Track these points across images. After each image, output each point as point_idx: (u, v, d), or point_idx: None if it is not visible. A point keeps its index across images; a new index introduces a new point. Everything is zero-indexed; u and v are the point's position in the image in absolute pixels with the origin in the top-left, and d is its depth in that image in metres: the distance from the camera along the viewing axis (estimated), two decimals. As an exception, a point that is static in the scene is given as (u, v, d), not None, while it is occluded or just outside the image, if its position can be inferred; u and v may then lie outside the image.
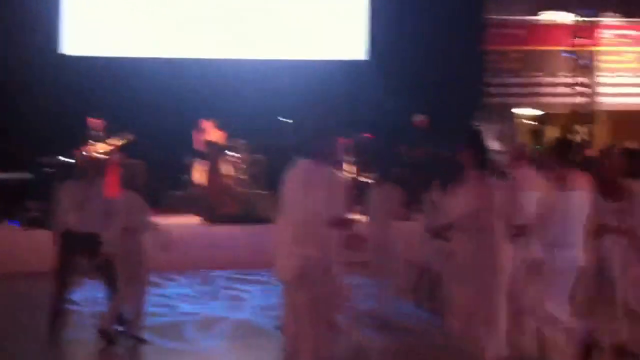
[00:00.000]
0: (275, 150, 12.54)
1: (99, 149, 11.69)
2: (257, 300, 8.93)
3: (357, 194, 11.04)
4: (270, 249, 5.79)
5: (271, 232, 7.47)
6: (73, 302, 7.59)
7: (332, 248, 5.16)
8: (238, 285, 9.69)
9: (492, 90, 16.12)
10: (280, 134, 12.78)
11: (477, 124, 15.14)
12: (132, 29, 14.21)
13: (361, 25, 15.08)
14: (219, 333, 7.61)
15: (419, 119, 13.53)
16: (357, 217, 7.82)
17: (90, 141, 11.71)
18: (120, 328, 7.13)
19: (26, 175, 11.77)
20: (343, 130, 12.54)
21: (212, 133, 12.50)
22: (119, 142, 11.80)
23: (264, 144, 12.94)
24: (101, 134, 11.80)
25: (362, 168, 13.08)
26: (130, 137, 11.84)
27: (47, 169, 11.75)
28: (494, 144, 14.99)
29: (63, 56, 13.94)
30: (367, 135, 13.65)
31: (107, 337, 6.97)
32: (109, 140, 11.76)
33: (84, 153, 11.34)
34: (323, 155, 5.21)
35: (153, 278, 7.79)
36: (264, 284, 9.54)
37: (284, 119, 13.11)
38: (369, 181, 12.86)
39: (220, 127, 12.56)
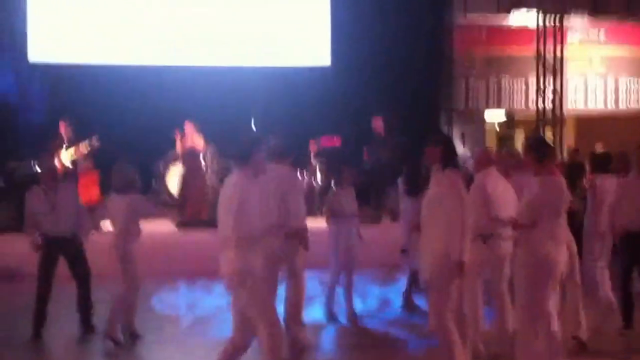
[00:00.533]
0: (239, 156, 13.03)
1: (68, 155, 12.08)
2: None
3: (322, 197, 11.69)
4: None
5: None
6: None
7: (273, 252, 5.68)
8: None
9: (458, 93, 16.56)
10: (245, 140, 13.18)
11: (442, 127, 15.67)
12: (100, 36, 14.59)
13: (325, 31, 15.53)
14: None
15: (376, 121, 13.84)
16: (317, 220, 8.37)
17: (59, 147, 12.10)
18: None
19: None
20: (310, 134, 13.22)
21: (192, 137, 12.90)
22: (87, 147, 12.16)
23: (229, 149, 13.36)
24: (69, 139, 12.17)
25: (328, 172, 13.51)
26: (97, 142, 12.19)
27: (16, 175, 12.11)
28: (459, 148, 15.52)
29: (31, 64, 14.31)
30: (332, 139, 14.10)
31: (115, 341, 7.37)
32: (78, 146, 12.13)
33: (50, 159, 11.74)
34: (255, 166, 5.52)
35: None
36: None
37: (252, 126, 13.58)
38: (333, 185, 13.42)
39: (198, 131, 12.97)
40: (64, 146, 12.18)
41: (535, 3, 16.41)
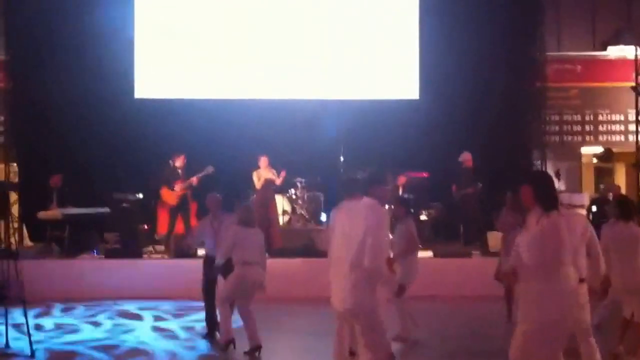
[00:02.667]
0: (332, 188, 14.58)
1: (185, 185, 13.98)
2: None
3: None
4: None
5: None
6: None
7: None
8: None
9: (552, 128, 17.29)
10: (337, 172, 14.72)
11: (535, 162, 16.42)
12: (195, 73, 16.39)
13: (414, 64, 16.54)
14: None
15: (463, 157, 14.83)
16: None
17: (176, 178, 14.04)
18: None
19: (105, 210, 13.96)
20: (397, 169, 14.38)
21: (265, 170, 14.45)
22: (199, 178, 14.03)
23: (321, 181, 14.91)
24: (184, 171, 14.15)
25: (416, 206, 14.69)
26: (212, 170, 14.01)
27: (123, 204, 14.01)
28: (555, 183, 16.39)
29: (136, 99, 16.25)
30: (421, 174, 15.30)
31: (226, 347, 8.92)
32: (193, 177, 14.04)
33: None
34: (380, 198, 6.59)
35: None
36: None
37: (341, 158, 14.97)
38: (424, 218, 14.72)
39: (278, 164, 14.53)
40: (180, 178, 14.07)
41: (633, 39, 16.64)
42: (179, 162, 14.30)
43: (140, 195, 14.39)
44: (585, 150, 18.03)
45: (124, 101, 15.98)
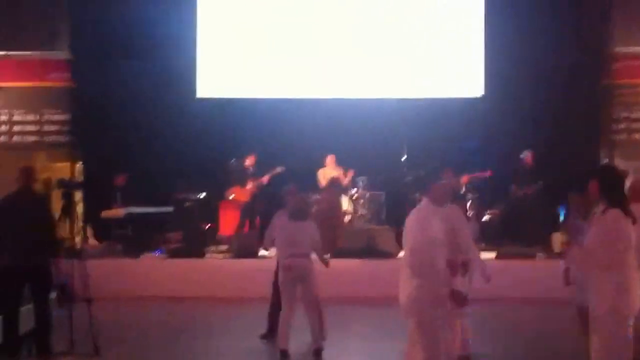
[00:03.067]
0: (394, 187, 14.48)
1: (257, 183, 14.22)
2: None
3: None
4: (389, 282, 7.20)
5: (390, 267, 9.18)
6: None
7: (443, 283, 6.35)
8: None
9: (620, 125, 16.70)
10: (398, 171, 14.61)
11: (602, 161, 16.07)
12: (256, 71, 16.41)
13: (478, 62, 16.35)
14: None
15: (524, 155, 14.70)
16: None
17: (247, 178, 14.26)
18: None
19: (168, 209, 14.06)
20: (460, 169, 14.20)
21: (332, 169, 14.56)
22: (269, 178, 14.32)
23: (383, 180, 14.81)
24: (254, 170, 14.37)
25: (480, 205, 14.51)
26: (281, 170, 14.21)
27: (186, 204, 14.08)
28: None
29: (199, 99, 16.35)
30: (485, 172, 15.05)
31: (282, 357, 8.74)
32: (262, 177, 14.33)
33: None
34: (437, 198, 6.49)
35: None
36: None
37: (403, 158, 14.84)
38: (487, 218, 14.49)
39: (341, 164, 14.66)
40: (251, 176, 14.32)
41: None
42: (249, 161, 14.63)
43: (203, 195, 14.45)
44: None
45: (186, 101, 16.10)
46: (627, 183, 15.39)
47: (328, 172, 14.56)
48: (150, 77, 15.62)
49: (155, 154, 15.39)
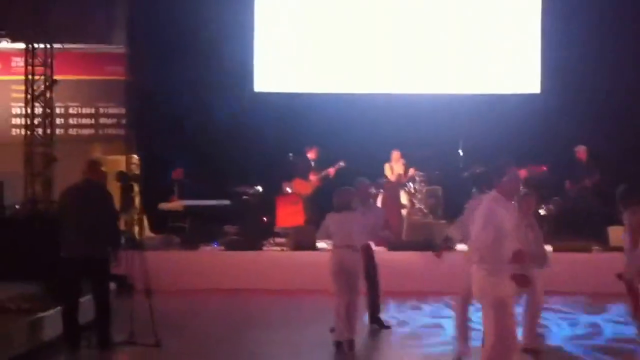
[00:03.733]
0: (451, 182, 14.21)
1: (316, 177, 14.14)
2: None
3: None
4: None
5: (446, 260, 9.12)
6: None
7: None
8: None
9: None
10: (456, 166, 14.35)
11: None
12: (316, 66, 16.26)
13: (535, 58, 16.12)
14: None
15: (579, 150, 14.51)
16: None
17: (309, 171, 14.19)
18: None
19: (225, 202, 13.92)
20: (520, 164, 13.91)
21: (396, 164, 14.49)
22: (334, 171, 14.18)
23: (439, 175, 14.56)
24: (316, 164, 14.30)
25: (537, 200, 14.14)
26: (344, 164, 14.07)
27: (244, 197, 13.95)
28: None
29: (256, 93, 16.22)
30: (541, 167, 14.72)
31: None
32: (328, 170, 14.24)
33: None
34: (508, 191, 6.62)
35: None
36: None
37: (460, 152, 14.59)
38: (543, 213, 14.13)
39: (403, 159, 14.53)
40: (314, 169, 14.29)
41: None
42: (312, 155, 14.61)
43: (260, 188, 14.28)
44: None
45: (244, 95, 15.98)
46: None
47: (394, 166, 14.60)
48: (208, 71, 15.52)
49: (213, 147, 15.28)
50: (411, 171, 14.57)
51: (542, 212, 14.19)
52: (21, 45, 14.17)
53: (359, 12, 16.25)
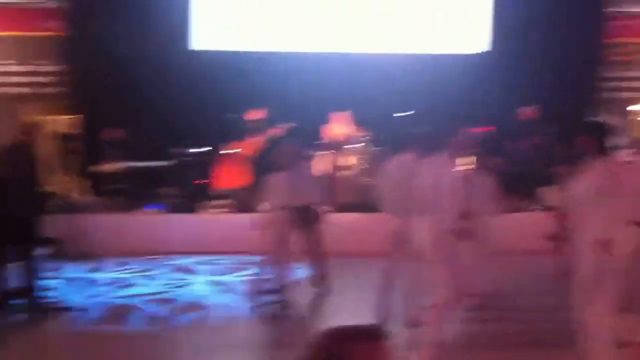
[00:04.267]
0: (396, 143, 13.89)
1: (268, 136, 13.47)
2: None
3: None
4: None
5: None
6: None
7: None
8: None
9: (610, 84, 16.48)
10: (401, 127, 14.03)
11: (592, 117, 15.75)
12: (259, 23, 15.60)
13: (483, 18, 15.87)
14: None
15: (529, 110, 14.42)
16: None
17: (260, 131, 13.48)
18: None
19: (162, 163, 13.43)
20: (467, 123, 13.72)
21: (342, 125, 13.94)
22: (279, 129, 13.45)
23: (385, 136, 14.24)
24: (265, 125, 13.57)
25: (481, 161, 14.02)
26: (292, 125, 13.43)
27: (181, 159, 13.45)
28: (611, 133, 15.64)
29: (192, 51, 15.47)
30: (486, 128, 14.56)
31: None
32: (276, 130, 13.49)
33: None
34: (458, 151, 6.65)
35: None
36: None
37: (404, 113, 14.29)
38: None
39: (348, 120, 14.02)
40: (258, 130, 13.54)
41: None
42: (256, 115, 13.71)
43: (201, 149, 13.80)
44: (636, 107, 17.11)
45: (180, 52, 15.24)
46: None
47: (337, 128, 14.05)
48: (145, 28, 14.65)
49: (152, 107, 14.42)
50: (357, 132, 14.15)
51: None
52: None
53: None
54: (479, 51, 15.87)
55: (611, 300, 5.94)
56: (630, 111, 17.02)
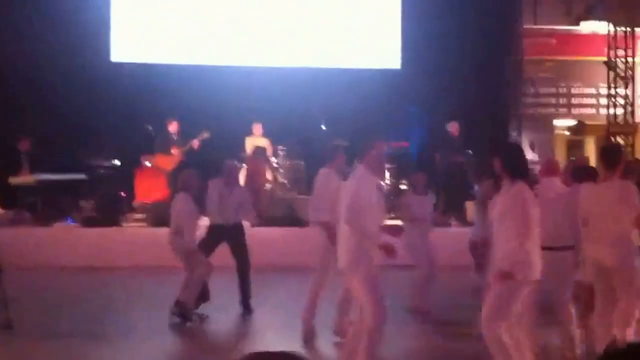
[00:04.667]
0: (313, 157, 13.92)
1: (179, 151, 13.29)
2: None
3: (393, 201, 12.39)
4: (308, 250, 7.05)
5: (309, 235, 8.85)
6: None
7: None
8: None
9: (528, 100, 16.84)
10: (316, 140, 14.06)
11: (511, 133, 16.09)
12: (176, 37, 15.49)
13: (395, 34, 16.04)
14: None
15: (451, 126, 14.54)
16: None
17: (172, 144, 13.32)
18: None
19: (80, 176, 13.07)
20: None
21: (258, 138, 13.93)
22: (198, 143, 13.39)
23: (302, 150, 14.25)
24: (179, 136, 13.46)
25: (398, 175, 14.16)
26: (207, 134, 13.37)
27: (99, 171, 13.15)
28: (529, 154, 16.07)
29: (112, 63, 15.24)
30: (402, 143, 14.74)
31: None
32: (190, 142, 13.42)
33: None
34: (375, 165, 6.51)
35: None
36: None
37: (323, 127, 14.33)
38: (404, 188, 14.13)
39: (264, 133, 13.97)
40: (176, 143, 13.34)
41: (604, 14, 16.59)
42: (172, 127, 13.60)
43: (117, 162, 13.52)
44: (559, 122, 17.64)
45: (100, 64, 14.96)
46: (533, 155, 15.63)
47: (255, 140, 13.99)
48: (64, 39, 14.34)
49: (66, 118, 14.15)
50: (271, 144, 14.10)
51: (403, 187, 14.23)
52: None
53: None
54: (393, 67, 16.03)
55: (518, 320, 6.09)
56: (554, 126, 17.48)
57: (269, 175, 14.01)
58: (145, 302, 9.73)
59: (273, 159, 14.18)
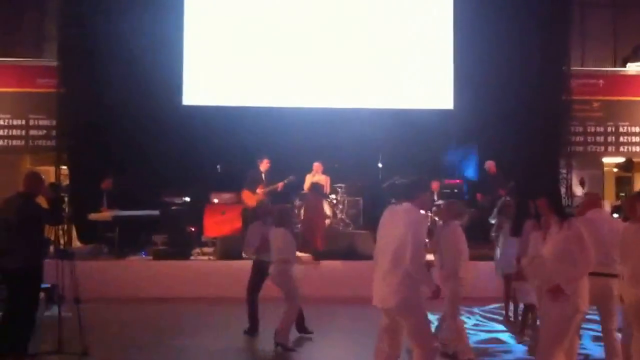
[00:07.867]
0: (370, 193, 13.84)
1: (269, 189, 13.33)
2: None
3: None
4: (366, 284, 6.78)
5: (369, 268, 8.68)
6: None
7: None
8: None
9: (577, 138, 16.63)
10: (374, 178, 13.99)
11: (562, 171, 15.77)
12: (241, 81, 15.63)
13: (448, 75, 15.93)
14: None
15: (488, 165, 14.45)
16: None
17: (260, 183, 13.33)
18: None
19: (154, 212, 13.19)
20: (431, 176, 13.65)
21: (318, 175, 13.84)
22: (283, 184, 13.37)
23: (360, 186, 14.16)
24: (267, 176, 13.45)
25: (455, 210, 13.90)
26: (293, 179, 13.37)
27: (172, 207, 13.25)
28: (577, 190, 15.72)
29: (184, 106, 15.46)
30: (455, 180, 14.56)
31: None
32: (277, 183, 13.38)
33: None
34: (426, 205, 6.43)
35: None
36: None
37: (379, 164, 14.24)
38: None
39: (324, 171, 13.89)
40: (263, 183, 13.37)
41: None
42: (263, 166, 13.44)
43: (188, 199, 13.61)
44: (607, 160, 17.44)
45: (173, 108, 15.22)
46: (583, 191, 15.25)
47: (315, 178, 13.86)
48: (137, 83, 14.67)
49: (143, 159, 14.44)
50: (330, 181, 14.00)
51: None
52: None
53: (286, 28, 15.76)
54: (446, 107, 15.87)
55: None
56: (603, 163, 17.27)
57: (327, 211, 13.92)
58: (214, 330, 9.63)
59: (332, 196, 14.11)
